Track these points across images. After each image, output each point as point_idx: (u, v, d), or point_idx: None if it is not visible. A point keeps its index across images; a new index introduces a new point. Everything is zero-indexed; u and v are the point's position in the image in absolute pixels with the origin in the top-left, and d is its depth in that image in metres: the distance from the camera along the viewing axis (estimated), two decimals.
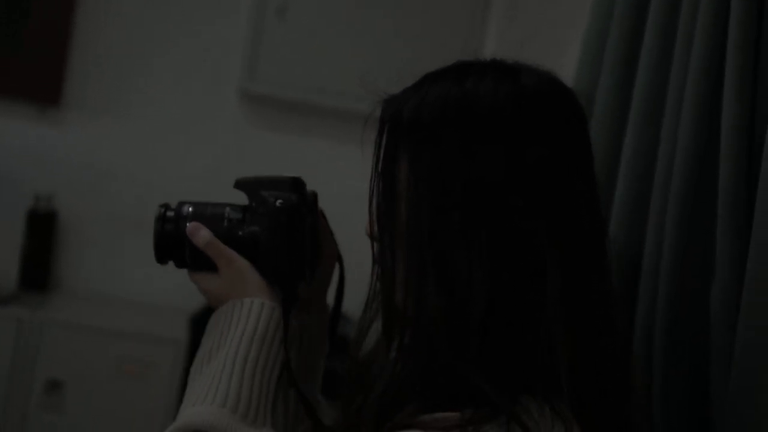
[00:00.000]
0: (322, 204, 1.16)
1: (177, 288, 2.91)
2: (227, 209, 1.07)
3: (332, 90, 2.91)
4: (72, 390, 2.57)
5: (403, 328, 0.97)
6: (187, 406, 0.96)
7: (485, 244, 0.90)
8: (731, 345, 1.03)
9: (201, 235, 1.05)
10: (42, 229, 2.84)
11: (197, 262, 1.06)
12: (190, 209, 1.07)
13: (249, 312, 1.00)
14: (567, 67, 1.86)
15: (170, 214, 1.08)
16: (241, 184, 1.07)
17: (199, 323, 2.79)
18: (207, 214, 1.07)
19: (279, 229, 1.03)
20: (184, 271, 3.01)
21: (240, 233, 1.05)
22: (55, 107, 2.90)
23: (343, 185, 2.00)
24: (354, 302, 1.12)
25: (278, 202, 1.03)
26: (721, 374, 1.05)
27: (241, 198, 1.10)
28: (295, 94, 2.95)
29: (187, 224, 1.06)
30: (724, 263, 1.04)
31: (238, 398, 0.94)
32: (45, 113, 2.92)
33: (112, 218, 2.97)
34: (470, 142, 0.92)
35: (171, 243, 1.07)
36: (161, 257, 1.09)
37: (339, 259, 1.16)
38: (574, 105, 0.98)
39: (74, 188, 2.93)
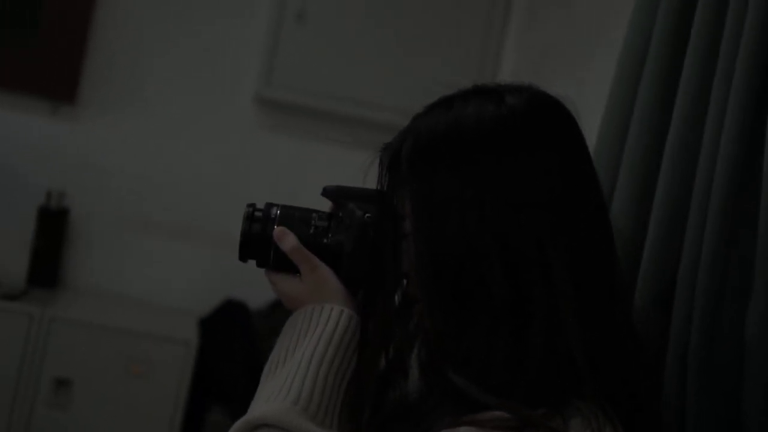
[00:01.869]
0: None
1: (187, 289, 2.97)
2: (314, 215, 1.09)
3: (347, 97, 2.92)
4: (79, 388, 2.57)
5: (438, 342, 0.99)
6: (260, 402, 0.98)
7: (496, 260, 0.94)
8: (765, 370, 1.03)
9: (288, 240, 1.07)
10: (53, 226, 2.84)
11: (279, 264, 1.08)
12: (278, 212, 1.09)
13: (328, 317, 1.03)
14: (592, 73, 1.87)
15: (258, 214, 1.10)
16: (328, 193, 1.10)
17: (208, 325, 2.83)
18: (294, 218, 1.09)
19: (364, 242, 1.05)
20: (193, 274, 2.97)
21: (325, 241, 1.08)
22: (70, 104, 2.91)
23: None
24: None
25: (366, 216, 1.05)
26: (754, 399, 1.05)
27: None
28: (310, 100, 2.96)
29: (275, 228, 1.08)
30: (762, 286, 1.04)
31: (310, 398, 0.97)
32: (59, 110, 2.92)
33: (122, 217, 2.98)
34: (461, 167, 0.96)
35: (256, 243, 1.09)
36: (244, 256, 1.10)
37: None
38: (560, 114, 1.02)
39: (86, 186, 2.94)
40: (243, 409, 1.18)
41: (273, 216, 1.09)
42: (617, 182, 1.30)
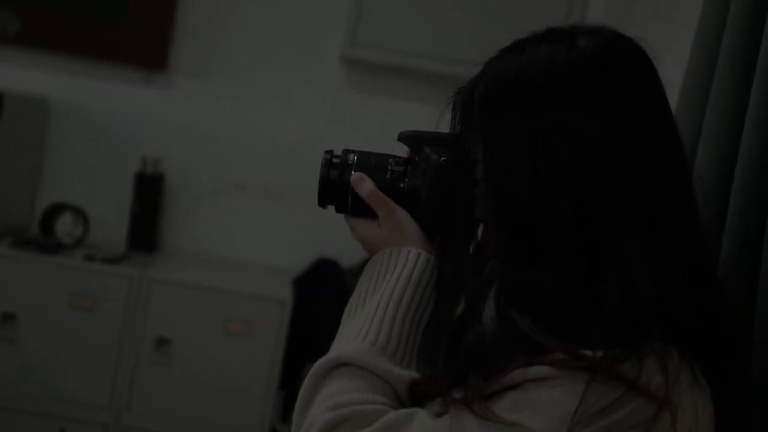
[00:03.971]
0: None
1: (280, 250, 3.02)
2: (391, 161, 1.10)
3: (432, 54, 2.91)
4: (178, 346, 2.65)
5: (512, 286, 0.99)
6: (340, 343, 1.00)
7: (567, 206, 0.92)
8: None
9: (364, 185, 1.08)
10: (149, 191, 2.93)
11: (357, 209, 1.10)
12: (355, 158, 1.10)
13: (406, 260, 1.04)
14: (683, 15, 1.82)
15: (335, 160, 1.11)
16: (404, 138, 1.10)
17: (302, 285, 2.88)
18: (371, 164, 1.10)
19: (440, 185, 1.06)
20: (286, 235, 3.01)
21: (401, 185, 1.08)
22: (162, 72, 2.98)
23: None
24: None
25: (442, 160, 1.05)
26: None
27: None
28: (395, 58, 2.96)
29: (352, 173, 1.09)
30: None
31: (388, 339, 0.98)
32: (152, 78, 2.99)
33: (216, 181, 3.04)
34: (531, 111, 0.94)
35: (334, 189, 1.10)
36: (323, 201, 1.12)
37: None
38: (635, 57, 0.98)
39: (180, 151, 3.01)
40: None
41: (350, 162, 1.10)
42: (702, 130, 1.27)
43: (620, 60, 0.97)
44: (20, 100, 2.75)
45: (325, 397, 0.95)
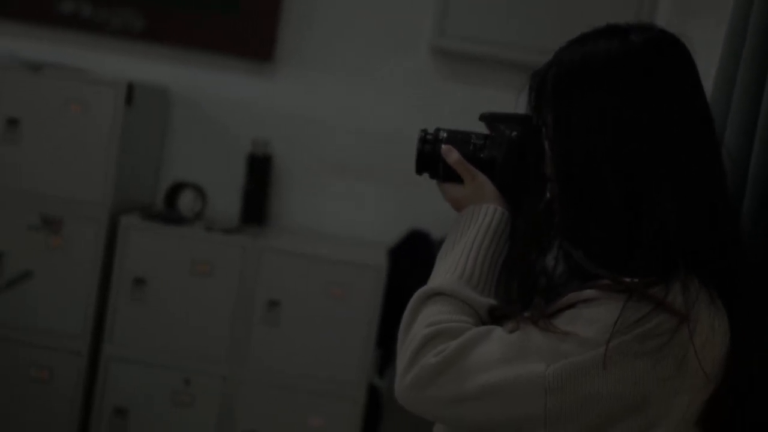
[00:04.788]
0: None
1: (376, 222, 3.28)
2: (473, 136, 1.36)
3: (511, 43, 3.13)
4: (287, 308, 2.91)
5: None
6: (435, 277, 1.27)
7: (614, 169, 1.16)
8: None
9: (452, 155, 1.34)
10: (259, 171, 3.20)
11: (448, 175, 1.35)
12: (445, 135, 1.36)
13: (485, 214, 1.30)
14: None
15: (429, 137, 1.37)
16: (484, 117, 1.36)
17: (396, 254, 3.11)
18: (457, 138, 1.36)
19: (512, 155, 1.32)
20: (381, 209, 3.24)
21: (481, 155, 1.34)
22: (269, 62, 3.26)
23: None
24: None
25: (513, 134, 1.31)
26: None
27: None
28: (482, 48, 3.18)
29: (442, 146, 1.35)
30: None
31: (472, 273, 1.25)
32: (260, 68, 3.28)
33: (319, 161, 3.31)
34: (589, 92, 1.19)
35: (428, 159, 1.36)
36: (420, 170, 1.38)
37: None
38: (675, 50, 1.21)
39: (286, 135, 3.28)
40: None
41: (441, 138, 1.36)
42: (730, 111, 1.48)
43: (662, 52, 1.20)
44: (146, 90, 3.06)
45: (424, 318, 1.21)
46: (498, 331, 1.18)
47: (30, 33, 3.26)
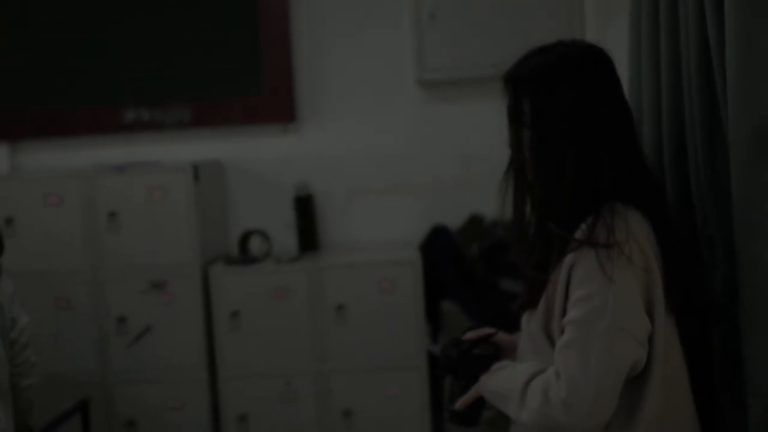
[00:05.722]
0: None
1: (404, 226, 3.84)
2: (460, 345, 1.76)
3: (482, 64, 3.62)
4: (351, 308, 3.38)
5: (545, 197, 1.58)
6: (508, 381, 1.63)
7: (567, 148, 1.53)
8: None
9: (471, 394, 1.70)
10: (304, 208, 3.70)
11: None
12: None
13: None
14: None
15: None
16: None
17: (425, 249, 3.57)
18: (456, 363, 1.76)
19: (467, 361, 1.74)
20: (406, 212, 3.93)
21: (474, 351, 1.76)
22: (293, 123, 3.79)
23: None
24: None
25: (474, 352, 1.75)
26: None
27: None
28: (456, 73, 3.67)
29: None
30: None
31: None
32: (287, 129, 3.80)
33: (347, 189, 3.79)
34: (550, 85, 1.56)
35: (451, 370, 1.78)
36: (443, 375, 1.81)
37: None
38: (595, 56, 1.60)
39: (318, 175, 3.77)
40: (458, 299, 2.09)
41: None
42: (641, 98, 1.94)
43: (597, 60, 1.60)
44: (206, 166, 3.56)
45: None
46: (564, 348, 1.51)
47: (104, 142, 3.77)
